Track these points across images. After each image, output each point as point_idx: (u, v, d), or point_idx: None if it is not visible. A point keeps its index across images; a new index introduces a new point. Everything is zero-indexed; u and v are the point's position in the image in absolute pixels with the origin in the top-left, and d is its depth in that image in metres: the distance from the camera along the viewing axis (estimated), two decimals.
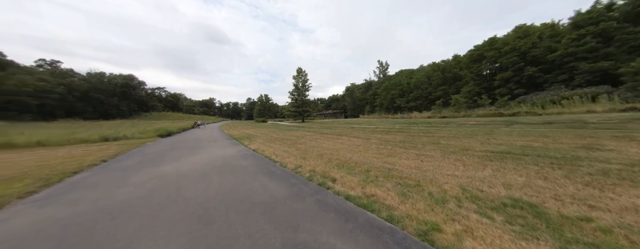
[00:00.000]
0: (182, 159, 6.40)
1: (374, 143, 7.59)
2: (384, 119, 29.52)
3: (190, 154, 7.28)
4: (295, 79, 42.45)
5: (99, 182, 4.20)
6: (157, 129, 15.50)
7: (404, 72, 48.39)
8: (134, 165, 5.76)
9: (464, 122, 13.04)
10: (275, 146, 8.43)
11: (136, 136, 13.22)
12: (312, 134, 12.56)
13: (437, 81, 31.45)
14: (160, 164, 5.77)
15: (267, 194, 3.21)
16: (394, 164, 4.55)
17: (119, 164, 5.99)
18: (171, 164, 5.74)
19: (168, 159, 6.58)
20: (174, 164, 5.73)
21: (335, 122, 27.09)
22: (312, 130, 15.74)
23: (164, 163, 5.92)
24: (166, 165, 5.66)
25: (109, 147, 8.82)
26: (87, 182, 4.22)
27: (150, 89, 77.19)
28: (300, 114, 41.85)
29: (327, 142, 8.58)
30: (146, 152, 8.05)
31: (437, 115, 23.27)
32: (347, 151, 6.51)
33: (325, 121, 39.15)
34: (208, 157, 6.71)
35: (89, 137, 10.74)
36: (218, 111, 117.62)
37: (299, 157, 5.94)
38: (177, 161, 6.25)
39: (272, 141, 10.18)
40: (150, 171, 5.06)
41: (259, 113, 79.58)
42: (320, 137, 10.65)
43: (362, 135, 10.26)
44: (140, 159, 6.70)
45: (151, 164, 5.80)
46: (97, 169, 5.34)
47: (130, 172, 4.91)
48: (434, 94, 31.43)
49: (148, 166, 5.56)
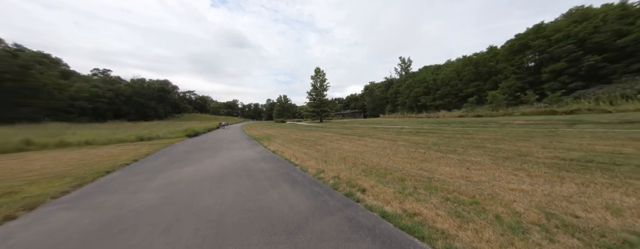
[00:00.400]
0: (203, 161, 6.40)
1: (402, 145, 6.80)
2: (407, 119, 27.69)
3: (211, 156, 7.31)
4: (313, 79, 42.37)
5: (124, 184, 4.24)
6: (186, 130, 16.45)
7: (428, 69, 45.08)
8: (159, 166, 5.88)
9: (507, 122, 11.30)
10: (295, 148, 8.12)
11: (167, 136, 14.12)
12: (332, 134, 12.05)
13: (468, 76, 28.41)
14: (182, 166, 5.80)
15: (287, 207, 2.79)
16: (432, 172, 3.82)
17: (147, 164, 6.19)
18: (193, 166, 5.73)
19: (190, 160, 6.65)
20: (195, 166, 5.71)
21: (355, 122, 26.18)
22: (332, 130, 15.23)
23: (186, 164, 5.96)
24: (188, 167, 5.66)
25: (142, 147, 9.40)
26: (113, 185, 4.30)
27: (182, 92, 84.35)
28: (318, 114, 41.63)
29: (349, 144, 8.00)
30: (173, 152, 8.36)
31: (470, 114, 20.94)
32: (373, 154, 5.86)
33: (344, 121, 38.32)
34: (228, 159, 6.63)
35: (127, 138, 11.70)
36: (240, 112, 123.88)
37: (320, 161, 5.49)
38: (199, 162, 6.25)
39: (291, 142, 9.93)
40: (172, 174, 5.05)
41: (278, 114, 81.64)
42: (341, 138, 10.09)
43: (387, 136, 9.44)
44: (166, 159, 6.89)
45: (174, 165, 5.87)
46: (127, 170, 5.53)
47: (154, 174, 4.95)
48: (465, 91, 28.47)
49: (171, 167, 5.61)
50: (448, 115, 23.67)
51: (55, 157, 7.28)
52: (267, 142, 10.34)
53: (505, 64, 24.68)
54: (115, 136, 11.45)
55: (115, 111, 50.76)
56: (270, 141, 10.81)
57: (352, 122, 26.31)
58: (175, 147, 9.75)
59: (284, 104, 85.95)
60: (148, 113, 60.03)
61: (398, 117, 34.99)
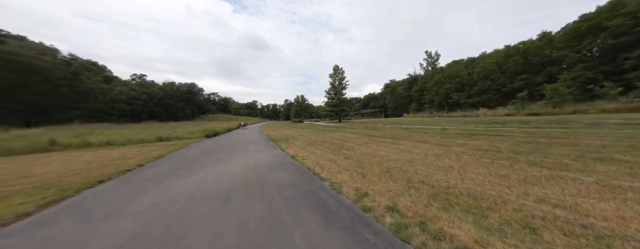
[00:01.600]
0: (212, 168, 5.40)
1: (463, 153, 5.04)
2: (439, 118, 24.70)
3: (223, 160, 6.33)
4: (331, 78, 40.93)
5: (104, 202, 3.31)
6: (205, 130, 16.26)
7: (459, 63, 40.53)
8: (161, 174, 5.00)
9: (596, 122, 8.56)
10: (317, 152, 6.80)
11: (186, 136, 13.91)
12: (358, 136, 10.49)
13: (514, 68, 24.24)
14: (187, 174, 4.84)
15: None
16: (575, 209, 2.14)
17: (150, 171, 5.38)
18: (198, 174, 4.73)
19: (199, 166, 5.72)
20: (201, 174, 4.70)
21: (378, 122, 24.10)
22: (355, 131, 13.63)
23: (192, 172, 4.99)
24: (193, 175, 4.67)
25: (157, 148, 8.93)
26: (91, 203, 3.40)
27: (206, 94, 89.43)
28: (337, 113, 40.08)
29: (385, 149, 6.42)
30: (185, 155, 7.64)
31: (521, 112, 17.55)
32: (427, 165, 4.25)
33: (364, 120, 36.18)
34: (240, 165, 5.55)
35: (147, 138, 11.57)
36: (260, 112, 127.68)
37: (354, 173, 4.06)
38: (207, 169, 5.27)
39: (311, 145, 8.64)
40: (170, 186, 4.05)
41: (295, 114, 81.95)
42: (370, 140, 8.51)
43: (431, 139, 7.61)
44: (174, 164, 6.08)
45: (179, 173, 4.94)
46: (124, 179, 4.73)
47: (149, 186, 4.00)
48: (509, 86, 24.40)
49: (174, 176, 4.67)
50: (490, 114, 20.31)
51: (68, 159, 6.97)
52: (285, 144, 9.21)
53: (566, 52, 20.29)
54: (136, 136, 11.39)
55: (149, 112, 55.20)
56: (289, 143, 9.67)
57: (375, 122, 24.27)
58: (190, 149, 9.12)
59: (302, 104, 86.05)
60: (177, 114, 64.41)
61: (426, 116, 31.78)
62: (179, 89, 72.70)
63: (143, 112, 51.65)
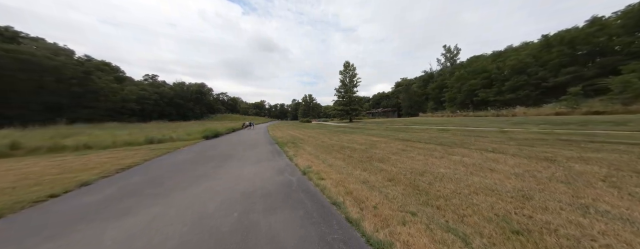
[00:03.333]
0: (180, 194, 3.48)
1: (599, 176, 2.76)
2: (466, 118, 21.77)
3: (205, 177, 4.42)
4: (342, 75, 38.62)
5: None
6: (204, 131, 14.67)
7: (481, 59, 36.84)
8: (88, 209, 3.13)
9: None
10: (338, 165, 4.73)
11: (183, 137, 12.32)
12: (385, 140, 8.28)
13: (558, 59, 20.80)
14: (138, 206, 2.95)
15: None
16: None
17: (76, 201, 3.54)
18: (154, 208, 2.82)
19: (165, 187, 3.84)
20: (157, 209, 2.78)
21: (396, 122, 21.59)
22: (376, 133, 11.39)
23: (148, 203, 3.10)
24: (144, 210, 2.77)
25: (137, 154, 7.24)
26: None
27: (216, 94, 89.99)
28: (347, 113, 37.71)
29: (442, 163, 4.22)
30: (162, 165, 5.83)
31: (576, 110, 14.50)
32: (583, 210, 2.03)
33: (378, 120, 33.61)
34: (224, 190, 3.60)
35: (135, 140, 10.02)
36: (267, 112, 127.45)
37: (435, 226, 1.92)
38: (171, 196, 3.36)
39: (327, 151, 6.58)
40: (87, 239, 2.13)
41: (303, 113, 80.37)
42: (408, 147, 6.30)
43: (505, 148, 5.27)
44: (130, 185, 4.25)
45: (118, 208, 3.05)
46: (28, 213, 2.89)
47: (49, 239, 2.11)
48: (552, 80, 21.00)
49: (101, 215, 2.77)
50: (533, 112, 17.23)
51: (13, 169, 5.35)
52: (293, 150, 7.22)
53: (629, 39, 16.71)
54: (122, 139, 9.87)
55: (160, 112, 55.62)
56: (297, 148, 7.68)
57: (392, 122, 21.78)
58: (176, 155, 7.35)
59: (309, 103, 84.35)
60: (187, 114, 64.76)
61: (448, 116, 28.72)
62: (189, 89, 73.31)
63: (153, 111, 52.00)
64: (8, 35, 34.66)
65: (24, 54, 26.57)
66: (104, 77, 41.67)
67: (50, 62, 29.18)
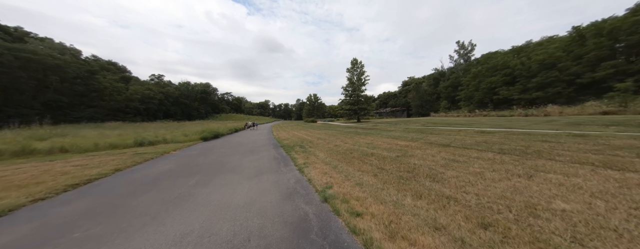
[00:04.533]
0: (130, 240, 2.03)
1: None
2: (487, 118, 19.80)
3: (180, 205, 3.01)
4: (349, 72, 36.97)
5: None
6: (203, 131, 13.42)
7: (497, 55, 34.39)
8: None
9: None
10: (370, 182, 3.22)
11: (179, 138, 11.07)
12: (416, 144, 6.69)
13: (595, 53, 18.50)
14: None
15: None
16: None
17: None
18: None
19: (106, 226, 2.42)
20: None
21: (409, 122, 19.84)
22: (397, 135, 9.79)
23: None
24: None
25: (113, 160, 5.97)
26: None
27: (220, 94, 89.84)
28: (355, 112, 36.05)
29: (546, 187, 2.63)
30: (130, 178, 4.49)
31: (626, 109, 12.46)
32: None
33: (387, 120, 31.81)
34: (204, 224, 2.14)
35: (121, 142, 8.79)
36: (272, 112, 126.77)
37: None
38: (110, 245, 1.91)
39: (346, 159, 5.08)
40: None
41: (308, 113, 79.07)
42: (456, 156, 4.72)
43: (620, 162, 3.63)
44: (57, 217, 2.85)
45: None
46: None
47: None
48: (588, 76, 18.75)
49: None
50: (571, 112, 15.19)
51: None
52: (302, 156, 5.76)
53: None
54: (106, 141, 8.65)
55: (165, 112, 55.38)
56: (307, 154, 6.22)
57: (406, 123, 20.03)
58: (159, 163, 6.03)
59: (314, 103, 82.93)
60: (192, 113, 64.49)
61: (465, 115, 26.68)
62: (194, 88, 73.18)
63: (158, 111, 51.73)
64: (17, 36, 34.71)
65: (26, 52, 26.18)
66: (109, 76, 41.45)
67: (52, 60, 28.77)
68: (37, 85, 27.60)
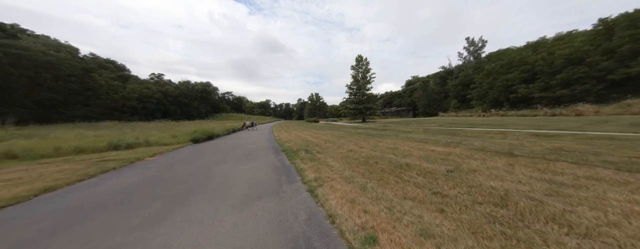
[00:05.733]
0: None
1: None
2: (505, 117, 18.09)
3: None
4: (354, 70, 35.35)
5: None
6: (194, 132, 11.93)
7: (509, 51, 32.55)
8: None
9: None
10: (452, 234, 1.62)
11: (163, 141, 9.58)
12: (459, 151, 5.09)
13: (629, 46, 16.70)
14: None
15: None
16: None
17: None
18: None
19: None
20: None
21: (422, 123, 18.20)
22: (421, 138, 8.20)
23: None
24: None
25: (53, 173, 4.44)
26: None
27: (221, 93, 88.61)
28: (360, 112, 34.39)
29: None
30: (44, 210, 2.96)
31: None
32: None
33: (395, 120, 30.14)
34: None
35: (91, 145, 7.31)
36: (273, 111, 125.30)
37: None
38: None
39: (377, 176, 3.47)
40: None
41: (309, 113, 77.58)
42: (547, 172, 3.12)
43: None
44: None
45: None
46: None
47: None
48: (620, 71, 16.95)
49: None
50: (610, 111, 13.47)
51: None
52: (312, 168, 4.19)
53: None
54: (71, 144, 7.18)
55: (164, 111, 54.17)
56: (318, 163, 4.65)
57: (418, 123, 18.39)
58: (115, 178, 4.56)
59: (316, 102, 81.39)
60: (191, 112, 63.26)
61: (479, 115, 24.94)
62: (194, 88, 71.99)
63: (157, 110, 50.50)
64: (11, 33, 33.60)
65: (16, 48, 24.96)
66: (105, 74, 40.26)
67: (43, 57, 27.53)
68: (29, 83, 26.40)
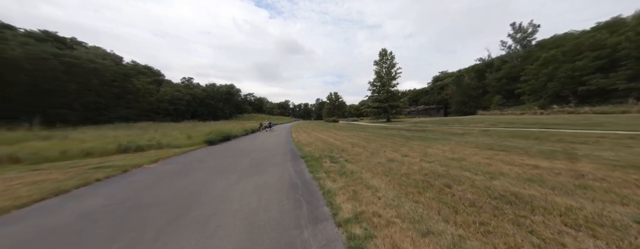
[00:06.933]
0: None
1: None
2: (583, 116, 14.21)
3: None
4: (377, 65, 32.72)
5: None
6: (210, 133, 11.27)
7: (571, 36, 26.65)
8: None
9: None
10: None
11: (176, 142, 8.94)
12: (602, 171, 3.07)
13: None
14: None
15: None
16: None
17: None
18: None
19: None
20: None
21: (465, 123, 15.30)
22: (484, 143, 6.05)
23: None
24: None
25: (45, 180, 3.64)
26: None
27: (243, 95, 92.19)
28: (385, 110, 31.68)
29: None
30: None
31: None
32: None
33: (425, 120, 26.87)
34: None
35: (100, 148, 6.80)
36: (292, 111, 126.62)
37: None
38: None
39: (466, 218, 1.68)
40: None
41: (328, 112, 75.97)
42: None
43: None
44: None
45: None
46: None
47: None
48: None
49: None
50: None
51: None
52: (344, 189, 2.60)
53: None
54: (81, 146, 6.80)
55: (193, 112, 57.77)
56: (351, 179, 3.03)
57: (460, 123, 15.54)
58: (92, 194, 3.53)
59: (335, 102, 79.36)
60: (217, 113, 66.59)
61: (534, 113, 20.62)
62: (219, 90, 75.84)
63: (186, 111, 53.98)
64: (69, 45, 38.57)
65: (69, 57, 28.20)
66: (142, 79, 44.05)
67: (90, 64, 30.72)
68: (79, 87, 29.78)
